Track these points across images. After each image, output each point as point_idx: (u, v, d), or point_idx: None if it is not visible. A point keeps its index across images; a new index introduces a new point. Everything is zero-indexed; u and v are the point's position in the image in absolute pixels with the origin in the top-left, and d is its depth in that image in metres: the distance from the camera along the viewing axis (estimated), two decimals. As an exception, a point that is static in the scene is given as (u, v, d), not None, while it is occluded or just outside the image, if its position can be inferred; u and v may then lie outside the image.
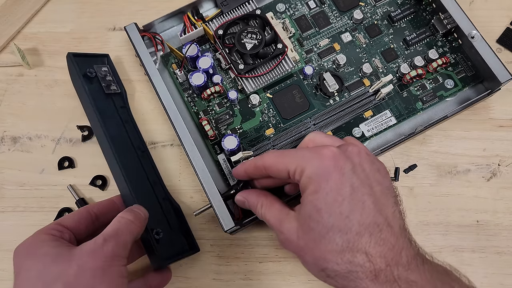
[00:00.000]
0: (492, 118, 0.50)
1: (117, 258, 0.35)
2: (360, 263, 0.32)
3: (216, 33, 0.50)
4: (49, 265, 0.34)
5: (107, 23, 0.56)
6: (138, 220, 0.39)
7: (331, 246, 0.33)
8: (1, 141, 0.51)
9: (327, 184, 0.34)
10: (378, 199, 0.34)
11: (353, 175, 0.34)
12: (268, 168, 0.38)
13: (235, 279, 0.46)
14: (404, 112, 0.50)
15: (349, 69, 0.51)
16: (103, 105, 0.48)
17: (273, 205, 0.38)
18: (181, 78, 0.51)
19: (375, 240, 0.33)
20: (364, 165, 0.35)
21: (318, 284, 0.45)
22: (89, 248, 0.35)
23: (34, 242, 0.36)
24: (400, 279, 0.32)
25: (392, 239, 0.33)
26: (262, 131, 0.49)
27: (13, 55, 0.53)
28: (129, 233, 0.37)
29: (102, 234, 0.36)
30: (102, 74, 0.50)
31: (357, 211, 0.33)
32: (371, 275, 0.32)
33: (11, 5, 0.56)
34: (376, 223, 0.33)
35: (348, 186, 0.34)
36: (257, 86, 0.49)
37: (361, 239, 0.33)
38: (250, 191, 0.41)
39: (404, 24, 0.53)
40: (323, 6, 0.54)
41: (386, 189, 0.35)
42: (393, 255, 0.32)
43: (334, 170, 0.34)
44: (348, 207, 0.33)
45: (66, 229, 0.38)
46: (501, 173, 0.48)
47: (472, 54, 0.50)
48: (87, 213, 0.41)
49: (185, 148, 0.45)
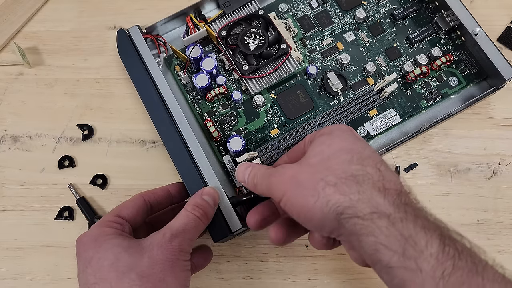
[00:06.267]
0: (492, 117, 0.51)
1: (182, 253, 0.36)
2: (370, 172, 0.32)
3: (219, 34, 0.50)
4: (121, 256, 0.35)
5: (108, 22, 0.55)
6: (205, 217, 0.39)
7: (338, 159, 0.33)
8: (1, 140, 0.51)
9: (342, 131, 0.36)
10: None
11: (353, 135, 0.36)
12: (291, 149, 0.40)
13: (235, 278, 0.46)
14: (408, 111, 0.50)
15: (353, 68, 0.51)
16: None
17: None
18: (185, 80, 0.51)
19: (385, 167, 0.33)
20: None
21: (318, 282, 0.46)
22: (158, 242, 0.36)
23: (100, 234, 0.36)
24: (407, 204, 0.31)
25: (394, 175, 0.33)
26: (267, 132, 0.49)
27: (14, 54, 0.53)
28: (195, 230, 0.38)
29: (169, 228, 0.37)
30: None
31: (366, 148, 0.34)
32: (380, 185, 0.31)
33: (11, 4, 0.55)
34: (380, 160, 0.33)
35: (350, 137, 0.35)
36: (261, 86, 0.49)
37: (369, 160, 0.33)
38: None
39: (407, 22, 0.53)
40: (325, 6, 0.54)
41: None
42: (401, 185, 0.32)
43: (348, 128, 0.36)
44: (360, 143, 0.34)
45: (125, 221, 0.39)
46: (501, 172, 0.49)
47: (476, 51, 0.50)
48: (143, 204, 0.41)
49: (191, 150, 0.46)
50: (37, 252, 0.47)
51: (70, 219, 0.48)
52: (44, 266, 0.47)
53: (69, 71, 0.54)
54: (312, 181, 0.32)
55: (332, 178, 0.32)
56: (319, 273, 0.46)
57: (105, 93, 0.53)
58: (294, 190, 0.33)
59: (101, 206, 0.49)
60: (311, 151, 0.35)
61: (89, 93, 0.53)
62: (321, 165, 0.33)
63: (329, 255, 0.46)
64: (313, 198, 0.31)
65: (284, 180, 0.34)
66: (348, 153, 0.33)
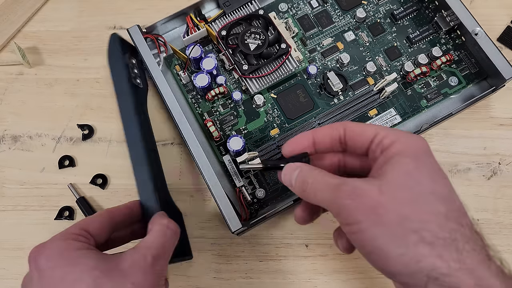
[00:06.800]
0: (492, 117, 0.51)
1: (162, 278, 0.34)
2: (468, 235, 0.28)
3: (219, 34, 0.50)
4: (102, 282, 0.30)
5: (108, 22, 0.55)
6: (177, 233, 0.37)
7: (432, 208, 0.29)
8: (1, 140, 0.51)
9: (427, 156, 0.32)
10: None
11: (437, 165, 0.32)
12: (350, 129, 0.34)
13: (235, 278, 0.46)
14: (408, 110, 0.50)
15: (353, 68, 0.51)
16: (135, 97, 0.47)
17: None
18: (185, 80, 0.51)
19: (477, 226, 0.30)
20: None
21: (318, 282, 0.46)
22: (140, 266, 0.32)
23: (66, 247, 0.32)
24: (507, 276, 0.29)
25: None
26: (267, 132, 0.49)
27: (14, 54, 0.53)
28: (172, 247, 0.36)
29: (148, 248, 0.34)
30: (131, 65, 0.49)
31: (454, 193, 0.30)
32: (483, 255, 0.28)
33: (11, 3, 0.55)
34: (465, 212, 0.30)
35: (437, 172, 0.31)
36: (261, 86, 0.49)
37: (465, 217, 0.29)
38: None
39: (407, 22, 0.53)
40: (325, 5, 0.54)
41: None
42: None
43: (429, 149, 0.32)
44: (448, 183, 0.31)
45: (91, 236, 0.35)
46: (501, 172, 0.49)
47: (476, 51, 0.50)
48: (110, 220, 0.37)
49: (191, 150, 0.46)
50: (37, 252, 0.47)
51: (70, 219, 0.48)
52: (44, 266, 0.47)
53: (69, 71, 0.54)
54: (401, 229, 0.28)
55: (427, 235, 0.28)
56: (319, 273, 0.46)
57: (105, 93, 0.53)
58: (373, 228, 0.29)
59: (101, 206, 0.49)
60: (394, 177, 0.30)
61: (89, 93, 0.53)
62: (411, 209, 0.29)
63: (329, 255, 0.46)
64: (399, 249, 0.28)
65: (361, 207, 0.29)
66: (442, 202, 0.29)
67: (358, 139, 0.34)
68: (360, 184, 0.30)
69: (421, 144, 0.32)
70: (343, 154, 0.37)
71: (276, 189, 0.47)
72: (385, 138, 0.32)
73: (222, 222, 0.45)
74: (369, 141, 0.33)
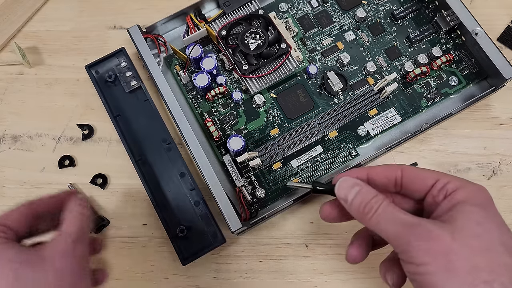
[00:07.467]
0: (492, 117, 0.51)
1: (85, 258, 0.34)
2: None
3: (219, 34, 0.50)
4: (22, 273, 0.30)
5: (108, 22, 0.55)
6: (90, 216, 0.37)
7: (503, 260, 0.29)
8: (1, 140, 0.51)
9: (493, 206, 0.32)
10: None
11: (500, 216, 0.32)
12: (407, 172, 0.35)
13: (235, 278, 0.46)
14: (408, 110, 0.50)
15: (353, 67, 0.51)
16: (128, 105, 0.51)
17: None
18: (185, 80, 0.51)
19: None
20: None
21: (318, 282, 0.46)
22: (61, 251, 0.32)
23: None
24: None
25: None
26: (267, 131, 0.49)
27: (14, 54, 0.53)
28: (89, 230, 0.36)
29: (67, 234, 0.34)
30: (122, 71, 0.51)
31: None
32: None
33: (12, 3, 0.55)
34: None
35: (502, 224, 0.32)
36: (261, 86, 0.49)
37: None
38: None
39: (407, 21, 0.53)
40: (325, 5, 0.54)
41: None
42: None
43: (491, 199, 0.33)
44: None
45: (9, 230, 0.33)
46: (501, 172, 0.49)
47: (476, 51, 0.50)
48: (30, 211, 0.36)
49: (191, 150, 0.46)
50: (37, 252, 0.47)
51: (70, 218, 0.48)
52: (44, 266, 0.47)
53: (69, 71, 0.54)
54: (471, 278, 0.28)
55: (499, 287, 0.28)
56: (319, 273, 0.46)
57: (105, 92, 0.53)
58: (442, 273, 0.29)
59: (101, 205, 0.49)
60: (465, 225, 0.30)
61: (89, 92, 0.53)
62: (483, 259, 0.29)
63: (329, 255, 0.46)
64: None
65: (432, 251, 0.29)
66: (510, 255, 0.29)
67: (417, 182, 0.34)
68: (433, 227, 0.30)
69: (486, 193, 0.32)
70: (392, 195, 0.37)
71: (276, 189, 0.47)
72: (449, 184, 0.32)
73: (222, 222, 0.45)
74: (430, 185, 0.33)
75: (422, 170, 0.35)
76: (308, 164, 0.48)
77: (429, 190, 0.33)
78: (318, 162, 0.48)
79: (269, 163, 0.48)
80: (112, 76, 0.51)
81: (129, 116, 0.51)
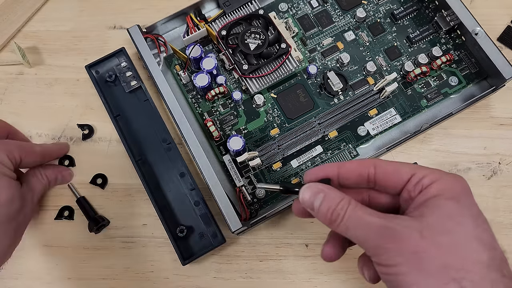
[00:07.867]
0: (492, 117, 0.51)
1: (15, 220, 0.40)
2: (509, 285, 0.28)
3: (219, 34, 0.50)
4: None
5: (108, 22, 0.55)
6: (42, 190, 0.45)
7: (475, 256, 0.28)
8: (2, 140, 0.51)
9: (468, 198, 0.31)
10: None
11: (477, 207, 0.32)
12: (381, 168, 0.33)
13: (235, 278, 0.46)
14: (408, 110, 0.50)
15: (353, 67, 0.51)
16: (128, 105, 0.51)
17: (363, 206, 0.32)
18: (185, 80, 0.51)
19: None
20: None
21: (318, 282, 0.46)
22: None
23: None
24: None
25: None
26: (267, 131, 0.49)
27: (14, 54, 0.53)
28: (32, 203, 0.43)
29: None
30: (122, 71, 0.52)
31: (495, 239, 0.30)
32: None
33: (12, 3, 0.55)
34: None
35: (479, 217, 0.31)
36: (261, 86, 0.49)
37: (506, 265, 0.29)
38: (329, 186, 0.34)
39: (407, 21, 0.53)
40: (325, 5, 0.54)
41: None
42: None
43: (469, 189, 0.32)
44: (489, 228, 0.30)
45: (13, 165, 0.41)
46: (501, 172, 0.49)
47: (476, 51, 0.50)
48: (41, 160, 0.46)
49: (191, 150, 0.46)
50: (37, 252, 0.47)
51: (70, 218, 0.48)
52: (44, 266, 0.47)
53: (69, 71, 0.54)
54: (441, 276, 0.28)
55: (468, 285, 0.27)
56: (319, 273, 0.46)
57: (105, 92, 0.53)
58: (413, 273, 0.29)
59: (101, 205, 0.49)
60: (435, 221, 0.30)
61: (89, 92, 0.53)
62: (453, 256, 0.28)
63: (329, 254, 0.46)
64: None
65: (402, 252, 0.29)
66: (484, 249, 0.29)
67: (392, 178, 0.33)
68: (401, 227, 0.30)
69: (461, 184, 0.32)
70: (367, 190, 0.36)
71: (276, 189, 0.47)
72: (425, 178, 0.31)
73: (222, 222, 0.45)
74: (405, 181, 0.32)
75: (397, 165, 0.33)
76: (308, 164, 0.48)
77: (405, 185, 0.32)
78: (318, 162, 0.48)
79: (269, 163, 0.48)
80: (112, 76, 0.51)
81: (129, 116, 0.51)
